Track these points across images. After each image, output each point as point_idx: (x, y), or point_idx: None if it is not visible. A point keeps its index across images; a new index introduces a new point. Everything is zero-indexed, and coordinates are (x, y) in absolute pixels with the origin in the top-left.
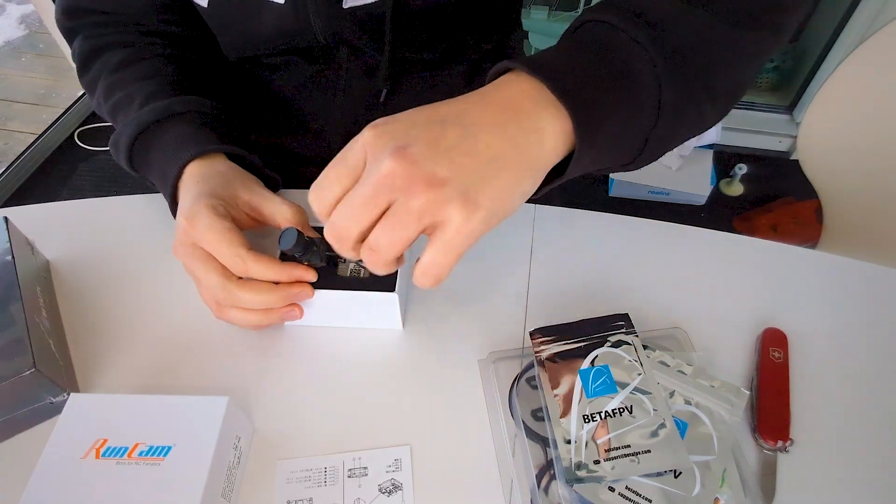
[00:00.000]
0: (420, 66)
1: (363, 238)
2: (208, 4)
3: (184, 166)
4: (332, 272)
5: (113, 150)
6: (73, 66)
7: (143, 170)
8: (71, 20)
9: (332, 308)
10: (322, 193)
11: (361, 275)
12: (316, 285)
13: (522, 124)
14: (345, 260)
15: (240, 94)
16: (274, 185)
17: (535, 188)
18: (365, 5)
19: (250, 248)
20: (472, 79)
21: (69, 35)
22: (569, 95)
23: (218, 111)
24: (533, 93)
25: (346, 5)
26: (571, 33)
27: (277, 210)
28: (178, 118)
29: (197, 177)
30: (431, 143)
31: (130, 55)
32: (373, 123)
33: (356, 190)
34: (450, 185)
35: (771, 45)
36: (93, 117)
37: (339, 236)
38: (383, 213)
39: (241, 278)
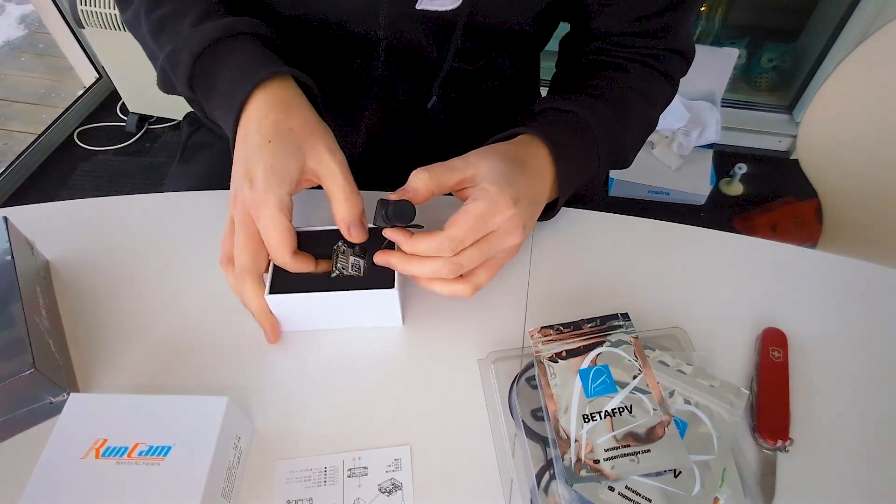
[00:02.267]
0: (461, 78)
1: None
2: None
3: (255, 87)
4: (324, 276)
5: (168, 64)
6: (73, 65)
7: (203, 90)
8: None
9: (333, 310)
10: (459, 241)
11: (348, 271)
12: (315, 288)
13: (545, 194)
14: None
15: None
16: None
17: None
18: (437, 11)
19: (297, 251)
20: (500, 98)
21: None
22: (562, 178)
23: (277, 39)
24: (550, 169)
25: (419, 6)
26: (565, 113)
27: (337, 202)
28: (244, 38)
29: (271, 107)
30: (531, 220)
31: None
32: (513, 199)
33: (492, 245)
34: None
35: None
36: (92, 117)
37: (457, 270)
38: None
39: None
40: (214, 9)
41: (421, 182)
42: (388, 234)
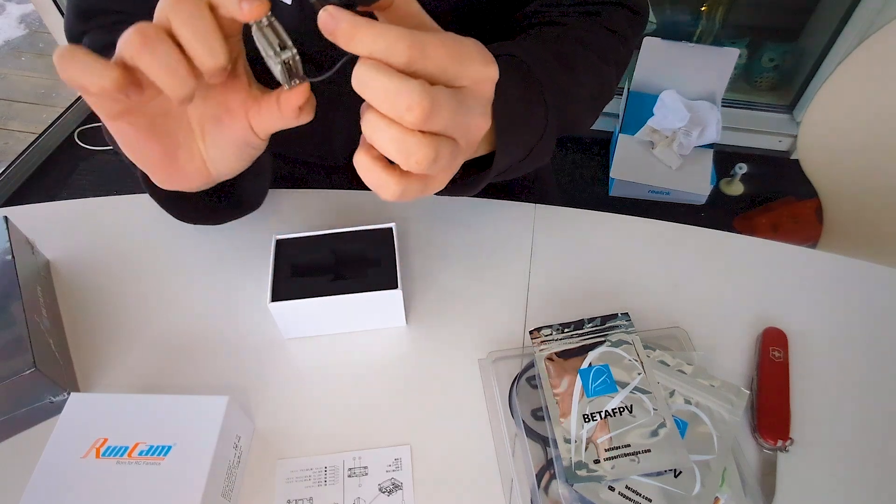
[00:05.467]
0: None
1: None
2: None
3: None
4: (326, 280)
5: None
6: None
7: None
8: (84, 23)
9: (337, 314)
10: (421, 44)
11: (279, 49)
12: (318, 293)
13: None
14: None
15: None
16: None
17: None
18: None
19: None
20: None
21: (78, 40)
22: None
23: None
24: None
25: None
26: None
27: None
28: None
29: None
30: (480, 133)
31: None
32: (497, 69)
33: (464, 102)
34: None
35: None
36: (93, 117)
37: (424, 99)
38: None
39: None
40: None
41: None
42: (328, 10)
